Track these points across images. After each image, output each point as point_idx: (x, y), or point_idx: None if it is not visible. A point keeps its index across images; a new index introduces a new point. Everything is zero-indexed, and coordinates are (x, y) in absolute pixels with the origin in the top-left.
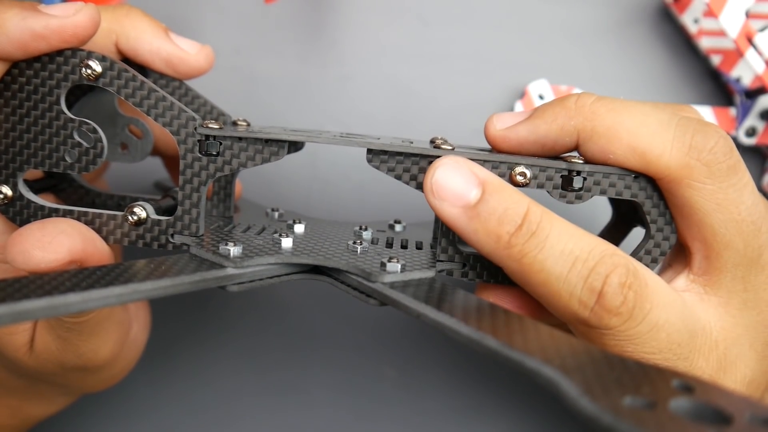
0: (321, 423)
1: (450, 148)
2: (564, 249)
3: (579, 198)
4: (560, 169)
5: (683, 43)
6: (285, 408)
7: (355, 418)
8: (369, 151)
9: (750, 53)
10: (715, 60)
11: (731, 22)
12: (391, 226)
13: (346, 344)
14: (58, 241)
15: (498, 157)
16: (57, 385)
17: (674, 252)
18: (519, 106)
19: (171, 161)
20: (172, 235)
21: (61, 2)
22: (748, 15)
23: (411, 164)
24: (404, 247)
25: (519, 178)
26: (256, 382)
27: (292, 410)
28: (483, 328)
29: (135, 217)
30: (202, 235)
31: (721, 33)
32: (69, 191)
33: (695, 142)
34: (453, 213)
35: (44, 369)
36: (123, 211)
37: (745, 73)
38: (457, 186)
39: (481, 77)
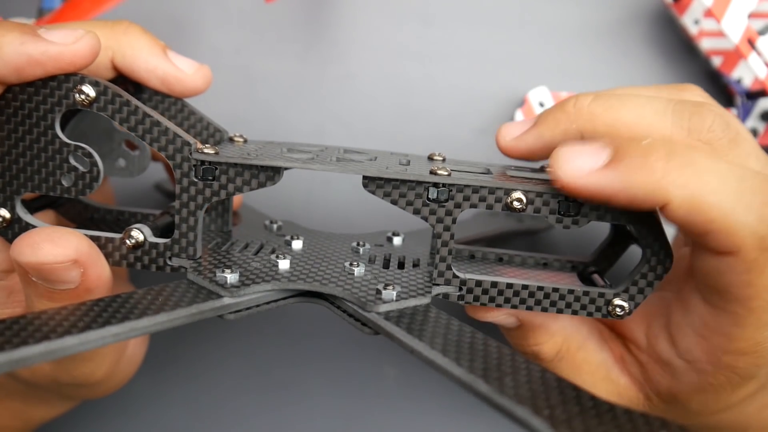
0: (320, 421)
1: (446, 173)
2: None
3: (575, 223)
4: (556, 195)
5: (683, 45)
6: (284, 406)
7: (354, 417)
8: (364, 177)
9: (752, 57)
10: (716, 61)
11: (733, 26)
12: (389, 239)
13: (346, 343)
14: (67, 238)
15: (495, 183)
16: (56, 393)
17: None
18: (519, 115)
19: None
20: (169, 258)
21: (61, 2)
22: (749, 14)
23: (407, 190)
24: (401, 265)
25: (516, 204)
26: (256, 380)
27: (292, 408)
28: (475, 370)
29: (132, 241)
30: (200, 257)
31: (722, 34)
32: (68, 206)
33: (692, 124)
34: (595, 179)
35: (39, 382)
36: (121, 229)
37: (745, 74)
38: (586, 156)
39: (482, 77)
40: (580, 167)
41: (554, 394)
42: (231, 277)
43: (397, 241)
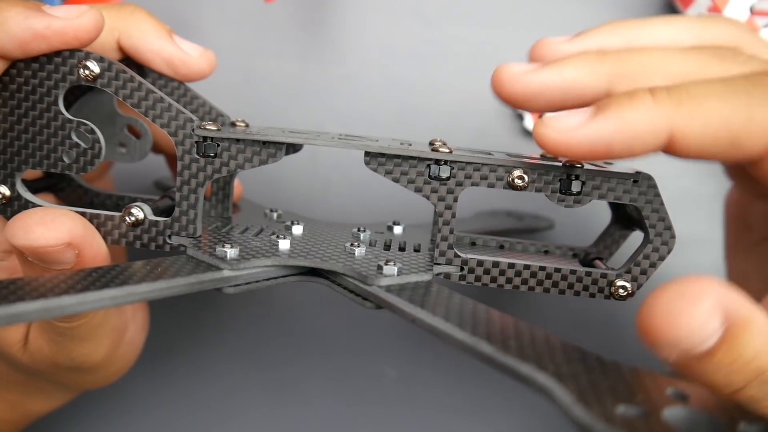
0: (320, 421)
1: (447, 151)
2: None
3: (578, 202)
4: (559, 173)
5: None
6: (284, 406)
7: (354, 417)
8: (366, 153)
9: None
10: None
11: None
12: (390, 228)
13: (345, 343)
14: (60, 221)
15: (496, 160)
16: (55, 382)
17: None
18: None
19: (173, 159)
20: (169, 236)
21: (61, 2)
22: (752, 11)
23: (409, 167)
24: (402, 249)
25: (517, 182)
26: (255, 380)
27: (291, 408)
28: (478, 333)
29: (132, 218)
30: (200, 236)
31: None
32: (68, 191)
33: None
34: (585, 132)
35: (38, 367)
36: (121, 211)
37: None
38: (570, 116)
39: (482, 77)
40: (565, 124)
41: (559, 354)
42: (231, 251)
43: (397, 230)
